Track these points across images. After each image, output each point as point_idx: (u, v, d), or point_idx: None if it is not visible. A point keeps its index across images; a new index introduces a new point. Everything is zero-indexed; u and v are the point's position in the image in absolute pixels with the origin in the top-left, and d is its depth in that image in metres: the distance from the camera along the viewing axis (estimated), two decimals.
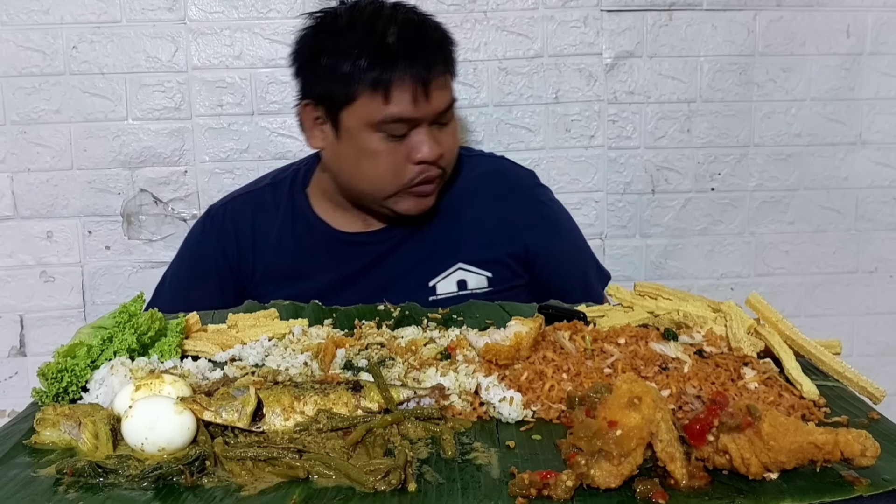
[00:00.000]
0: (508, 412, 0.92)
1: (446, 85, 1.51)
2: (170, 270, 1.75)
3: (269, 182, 1.73)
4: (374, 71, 1.44)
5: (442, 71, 1.49)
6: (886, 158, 2.20)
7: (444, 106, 1.50)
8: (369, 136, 1.48)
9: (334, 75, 1.47)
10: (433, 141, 1.49)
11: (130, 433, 0.83)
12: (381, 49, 1.45)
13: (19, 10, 1.98)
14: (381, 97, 1.44)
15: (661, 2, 2.08)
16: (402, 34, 1.47)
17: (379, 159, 1.49)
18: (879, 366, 2.25)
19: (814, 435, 0.76)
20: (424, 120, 1.48)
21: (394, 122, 1.46)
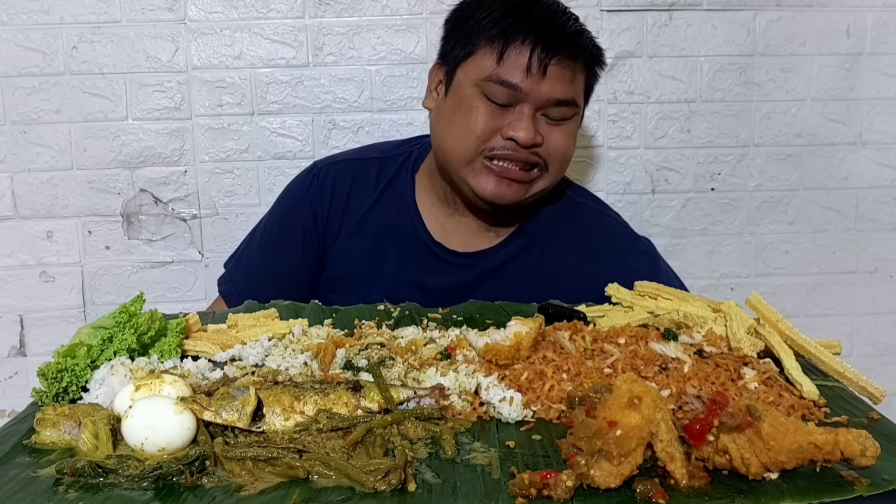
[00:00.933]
0: (508, 412, 0.92)
1: (570, 79, 1.44)
2: (263, 221, 1.72)
3: (378, 156, 1.68)
4: (500, 25, 1.41)
5: (570, 59, 1.42)
6: (886, 158, 2.20)
7: (559, 95, 1.43)
8: (474, 93, 1.44)
9: (466, 26, 1.46)
10: (533, 126, 1.42)
11: (130, 433, 0.83)
12: (519, 8, 1.42)
13: (19, 10, 1.98)
14: (496, 54, 1.41)
15: (661, 2, 2.08)
16: (546, 11, 1.44)
17: (472, 115, 1.44)
18: (879, 366, 2.25)
19: (814, 435, 0.76)
20: (532, 100, 1.42)
21: (499, 83, 1.41)
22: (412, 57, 2.06)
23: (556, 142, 1.46)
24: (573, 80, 1.45)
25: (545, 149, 1.45)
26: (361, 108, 2.08)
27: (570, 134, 1.49)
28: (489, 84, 1.42)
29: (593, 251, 1.59)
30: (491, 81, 1.41)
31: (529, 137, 1.41)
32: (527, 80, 1.40)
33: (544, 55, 1.40)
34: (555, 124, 1.46)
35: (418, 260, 1.58)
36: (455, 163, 1.49)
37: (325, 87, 2.07)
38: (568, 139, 1.49)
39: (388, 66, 2.07)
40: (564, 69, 1.42)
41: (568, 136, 1.48)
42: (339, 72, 2.07)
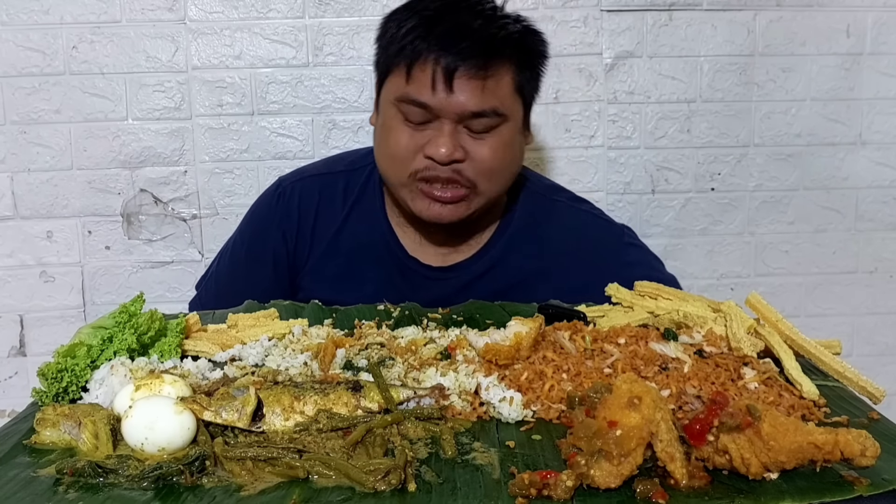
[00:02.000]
0: (508, 412, 0.92)
1: (483, 88, 1.36)
2: (231, 241, 1.67)
3: (345, 168, 1.62)
4: (405, 41, 1.37)
5: (479, 69, 1.35)
6: (886, 158, 2.20)
7: (473, 108, 1.36)
8: (393, 113, 1.41)
9: (381, 44, 1.44)
10: (452, 141, 1.36)
11: (130, 433, 0.83)
12: (422, 23, 1.37)
13: (19, 10, 1.98)
14: (405, 73, 1.37)
15: (661, 2, 2.08)
16: (455, 19, 1.37)
17: (393, 137, 1.40)
18: (879, 366, 2.25)
19: (814, 435, 0.76)
20: (445, 115, 1.36)
21: (410, 103, 1.37)
22: None
23: (480, 155, 1.39)
24: (487, 88, 1.36)
25: (470, 164, 1.39)
26: (361, 108, 2.08)
27: (500, 145, 1.40)
28: (402, 104, 1.38)
29: (580, 253, 1.54)
30: (403, 101, 1.38)
31: (446, 154, 1.36)
32: (434, 96, 1.35)
33: (448, 68, 1.34)
34: (479, 137, 1.39)
35: (395, 278, 1.54)
36: (391, 186, 1.47)
37: (325, 87, 2.07)
38: (493, 153, 1.40)
39: None
40: (474, 80, 1.35)
41: (493, 149, 1.40)
42: (339, 72, 2.07)
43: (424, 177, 1.40)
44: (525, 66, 1.43)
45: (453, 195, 1.40)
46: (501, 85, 1.39)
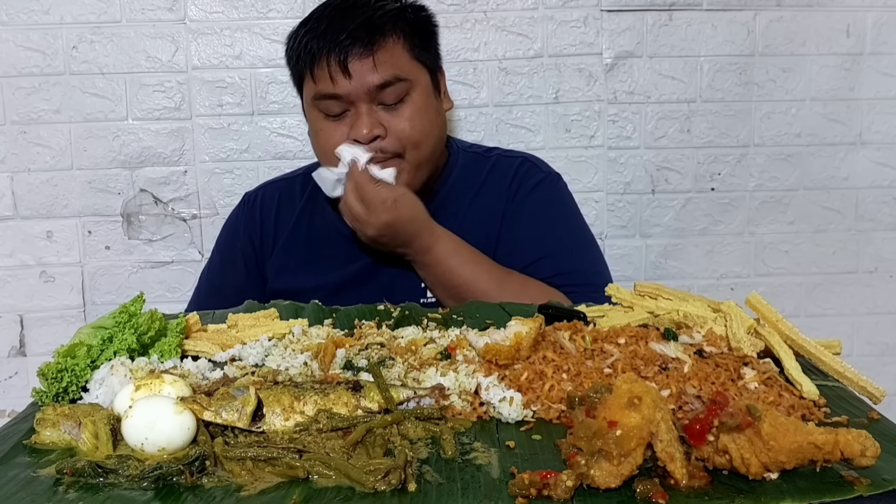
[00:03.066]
0: (508, 412, 0.92)
1: (377, 62, 1.49)
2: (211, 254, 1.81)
3: (303, 172, 1.75)
4: (300, 51, 1.52)
5: (365, 47, 1.48)
6: (886, 158, 2.20)
7: (373, 83, 1.48)
8: (314, 114, 1.55)
9: (288, 62, 1.59)
10: (369, 120, 1.49)
11: (130, 433, 0.83)
12: (311, 29, 1.52)
13: (19, 10, 1.98)
14: (310, 76, 1.52)
15: (661, 2, 2.08)
16: (332, 13, 1.51)
17: (320, 135, 1.54)
18: (879, 366, 2.25)
19: (814, 435, 0.76)
20: (357, 98, 1.49)
21: (323, 98, 1.51)
22: None
23: (398, 126, 1.51)
24: (380, 60, 1.48)
25: (390, 137, 1.51)
26: None
27: (414, 112, 1.52)
28: (319, 102, 1.52)
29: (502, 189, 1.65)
30: (317, 99, 1.52)
31: (367, 132, 1.48)
32: (338, 85, 1.48)
33: (340, 58, 1.47)
34: (394, 109, 1.51)
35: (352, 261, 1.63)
36: None
37: None
38: (411, 120, 1.52)
39: None
40: (365, 58, 1.48)
41: (411, 117, 1.52)
42: None
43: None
44: (414, 34, 1.55)
45: (396, 167, 1.50)
46: (395, 55, 1.51)
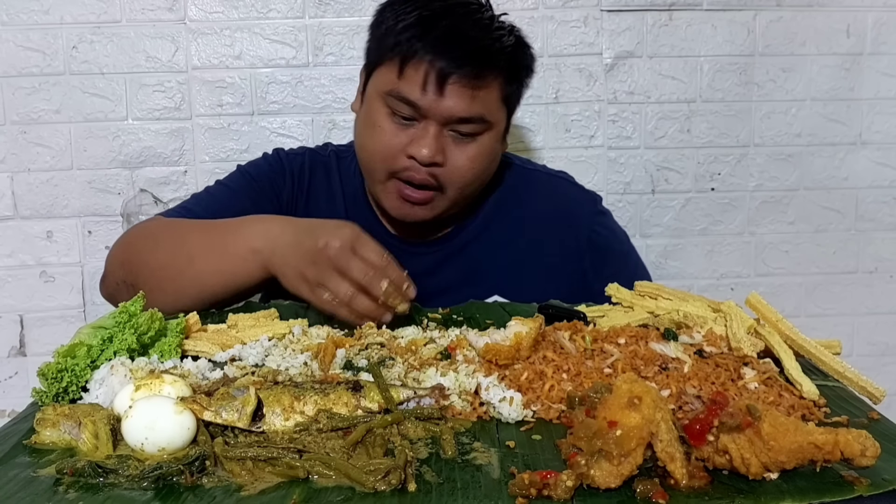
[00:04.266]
0: (508, 412, 0.92)
1: (473, 96, 1.38)
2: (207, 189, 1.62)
3: (335, 150, 1.65)
4: (402, 37, 1.37)
5: (472, 77, 1.36)
6: (886, 158, 2.20)
7: (461, 113, 1.37)
8: (378, 105, 1.42)
9: (377, 32, 1.44)
10: (436, 144, 1.38)
11: (130, 433, 0.83)
12: (422, 21, 1.37)
13: (19, 10, 1.98)
14: (397, 68, 1.38)
15: (661, 2, 2.08)
16: (454, 23, 1.37)
17: (377, 133, 1.41)
18: (879, 366, 2.25)
19: (814, 435, 0.76)
20: (433, 116, 1.38)
21: (398, 99, 1.38)
22: None
23: (457, 162, 1.41)
24: (477, 96, 1.38)
25: (445, 169, 1.41)
26: None
27: (478, 154, 1.43)
28: (391, 98, 1.39)
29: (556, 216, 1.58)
30: (392, 96, 1.39)
31: (430, 155, 1.37)
32: (424, 97, 1.36)
33: (442, 73, 1.35)
34: (461, 142, 1.41)
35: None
36: (369, 180, 1.49)
37: (325, 87, 2.07)
38: (472, 161, 1.42)
39: None
40: (465, 87, 1.36)
41: (472, 158, 1.42)
42: (339, 72, 2.07)
43: (402, 177, 1.42)
44: (513, 79, 1.45)
45: (423, 197, 1.43)
46: (490, 94, 1.41)
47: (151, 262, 1.35)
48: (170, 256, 1.33)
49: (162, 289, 1.30)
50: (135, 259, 1.38)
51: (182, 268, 1.31)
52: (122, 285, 1.37)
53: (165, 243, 1.37)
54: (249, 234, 1.28)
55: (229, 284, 1.30)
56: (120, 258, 1.41)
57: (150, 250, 1.37)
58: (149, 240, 1.40)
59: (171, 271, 1.32)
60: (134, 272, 1.36)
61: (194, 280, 1.31)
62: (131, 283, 1.34)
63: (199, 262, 1.30)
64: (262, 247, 1.25)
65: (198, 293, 1.31)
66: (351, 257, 1.17)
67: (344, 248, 1.17)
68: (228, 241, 1.30)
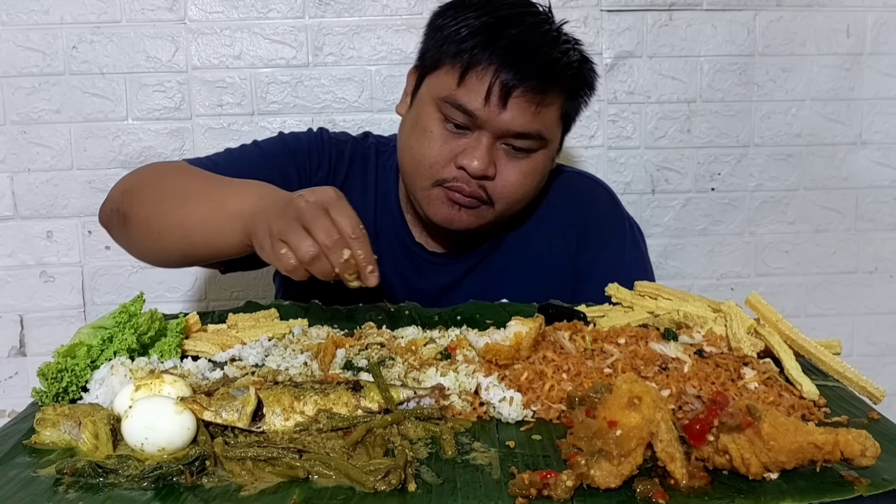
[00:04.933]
0: (508, 412, 0.92)
1: (535, 111, 1.32)
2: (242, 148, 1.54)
3: (375, 142, 1.57)
4: (466, 44, 1.31)
5: (537, 92, 1.31)
6: (886, 158, 2.20)
7: (520, 128, 1.32)
8: (431, 110, 1.36)
9: (437, 36, 1.37)
10: (487, 156, 1.32)
11: (130, 433, 0.83)
12: (489, 29, 1.31)
13: (19, 10, 1.98)
14: (458, 75, 1.32)
15: (661, 2, 2.08)
16: (521, 33, 1.32)
17: (426, 139, 1.35)
18: (879, 366, 2.25)
19: (814, 435, 0.76)
20: (490, 129, 1.32)
21: (455, 107, 1.32)
22: (412, 57, 2.03)
23: (508, 178, 1.36)
24: (540, 112, 1.33)
25: (495, 183, 1.36)
26: (361, 108, 2.08)
27: (531, 171, 1.38)
28: (446, 105, 1.33)
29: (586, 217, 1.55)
30: (448, 103, 1.33)
31: (481, 168, 1.32)
32: (485, 108, 1.30)
33: (507, 85, 1.29)
34: (515, 157, 1.36)
35: (401, 262, 1.51)
36: (410, 185, 1.43)
37: (325, 87, 2.07)
38: (524, 177, 1.38)
39: (388, 66, 2.07)
40: (529, 101, 1.31)
41: (525, 174, 1.37)
42: (339, 72, 2.07)
43: (449, 186, 1.36)
44: (575, 96, 1.41)
45: (470, 202, 1.37)
46: (551, 111, 1.36)
47: (147, 196, 1.30)
48: (167, 195, 1.28)
49: (148, 224, 1.26)
50: (135, 189, 1.34)
51: (172, 208, 1.25)
52: (114, 214, 1.34)
53: (168, 182, 1.32)
54: (244, 194, 1.21)
55: (210, 240, 1.23)
56: (123, 186, 1.37)
57: (151, 184, 1.33)
58: (155, 176, 1.36)
59: (162, 207, 1.27)
60: (129, 201, 1.32)
61: (179, 224, 1.25)
62: (123, 213, 1.31)
63: (189, 208, 1.24)
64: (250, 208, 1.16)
65: (180, 238, 1.25)
66: (320, 215, 1.05)
67: (316, 204, 1.06)
68: (226, 197, 1.22)
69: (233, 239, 1.18)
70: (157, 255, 1.30)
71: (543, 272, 1.52)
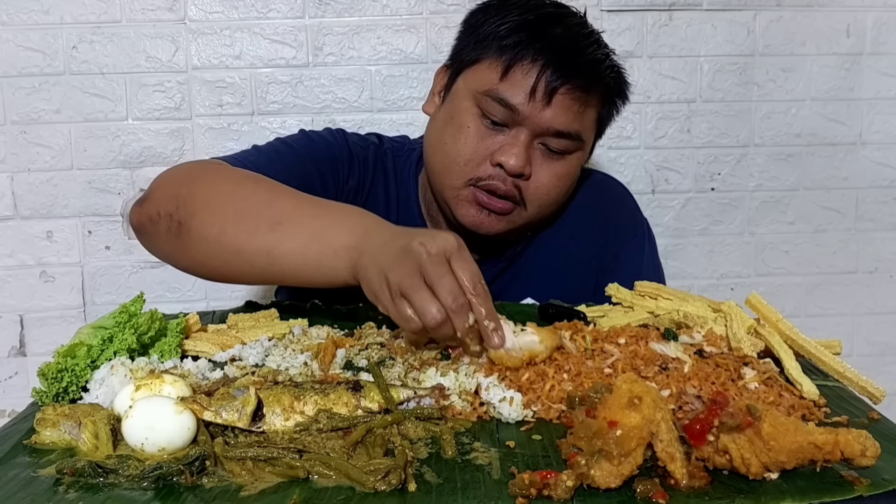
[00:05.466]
0: (508, 412, 0.92)
1: (579, 111, 1.31)
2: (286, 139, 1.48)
3: (391, 147, 1.52)
4: (512, 37, 1.29)
5: (581, 90, 1.29)
6: (886, 158, 2.21)
7: (561, 127, 1.30)
8: (468, 105, 1.32)
9: (478, 31, 1.34)
10: (525, 154, 1.29)
11: (130, 433, 0.83)
12: (533, 25, 1.29)
13: (19, 10, 1.98)
14: (502, 68, 1.29)
15: (661, 2, 2.08)
16: (566, 32, 1.30)
17: (461, 135, 1.32)
18: (879, 366, 2.25)
19: (814, 435, 0.76)
20: (530, 126, 1.29)
21: (496, 101, 1.29)
22: (412, 57, 2.06)
23: (543, 179, 1.33)
24: (582, 112, 1.31)
25: (529, 183, 1.33)
26: (361, 108, 2.08)
27: (565, 173, 1.36)
28: (487, 99, 1.30)
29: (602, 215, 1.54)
30: (489, 97, 1.30)
31: (518, 165, 1.29)
32: (528, 104, 1.28)
33: (553, 80, 1.27)
34: (550, 158, 1.33)
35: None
36: (439, 184, 1.39)
37: (325, 87, 2.07)
38: (558, 179, 1.35)
39: (388, 66, 2.07)
40: (573, 100, 1.29)
41: (559, 176, 1.35)
42: (339, 72, 2.07)
43: (482, 185, 1.33)
44: (610, 102, 1.39)
45: (503, 207, 1.34)
46: (590, 112, 1.34)
47: (218, 208, 1.14)
48: (248, 213, 1.12)
49: (220, 242, 1.11)
50: (198, 197, 1.16)
51: (259, 231, 1.10)
52: (163, 219, 1.17)
53: (245, 195, 1.16)
54: (349, 226, 1.08)
55: (302, 273, 1.10)
56: (174, 189, 1.19)
57: (221, 195, 1.16)
58: (226, 184, 1.19)
59: (241, 227, 1.11)
60: (189, 210, 1.14)
61: (267, 251, 1.10)
62: (180, 221, 1.15)
63: (281, 233, 1.09)
64: (357, 244, 1.04)
65: (264, 265, 1.11)
66: (445, 273, 0.95)
67: (438, 256, 0.96)
68: (327, 227, 1.09)
69: (333, 275, 1.07)
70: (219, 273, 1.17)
71: (569, 271, 1.51)
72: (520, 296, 1.36)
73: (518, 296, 1.37)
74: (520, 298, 1.33)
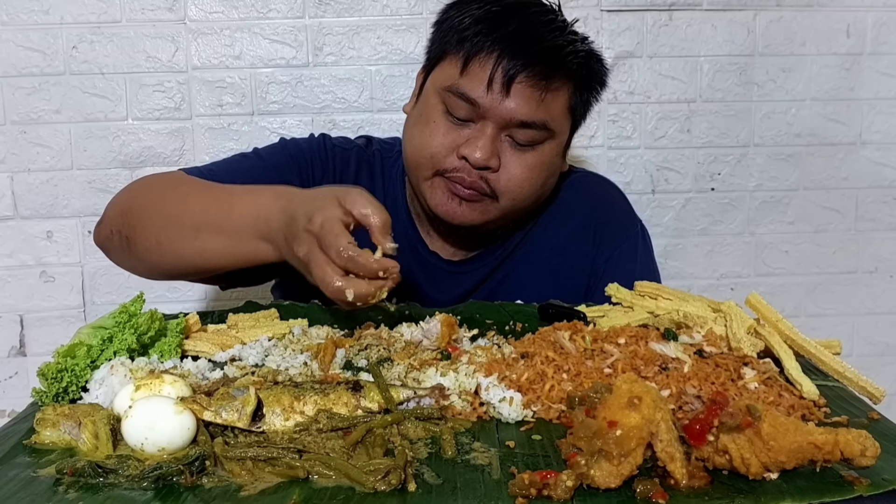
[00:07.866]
0: (508, 412, 0.92)
1: (540, 99, 1.30)
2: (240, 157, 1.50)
3: (379, 149, 1.54)
4: (469, 32, 1.30)
5: (541, 77, 1.29)
6: (886, 158, 2.21)
7: (524, 117, 1.30)
8: (435, 101, 1.34)
9: (441, 29, 1.37)
10: (491, 147, 1.30)
11: (130, 433, 0.83)
12: (492, 18, 1.30)
13: (19, 10, 1.98)
14: (460, 64, 1.30)
15: (661, 2, 2.08)
16: (525, 21, 1.30)
17: (428, 129, 1.33)
18: (879, 366, 2.25)
19: (814, 435, 0.76)
20: (493, 118, 1.30)
21: (458, 96, 1.30)
22: (412, 57, 2.06)
23: (514, 171, 1.33)
24: (544, 100, 1.30)
25: (499, 176, 1.33)
26: (361, 108, 2.08)
27: (537, 164, 1.35)
28: (450, 95, 1.31)
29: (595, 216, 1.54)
30: (451, 92, 1.31)
31: (483, 158, 1.29)
32: (487, 96, 1.28)
33: (510, 69, 1.27)
34: (520, 149, 1.33)
35: (416, 272, 1.48)
36: (414, 178, 1.41)
37: (325, 87, 2.07)
38: (530, 170, 1.34)
39: (388, 66, 2.07)
40: (533, 87, 1.29)
41: (531, 167, 1.34)
42: (339, 72, 2.07)
43: (450, 176, 1.34)
44: (583, 88, 1.38)
45: (471, 195, 1.34)
46: (557, 100, 1.33)
47: (151, 219, 1.24)
48: (173, 219, 1.22)
49: (159, 250, 1.22)
50: (136, 211, 1.27)
51: (186, 237, 1.20)
52: (114, 236, 1.29)
53: (169, 202, 1.25)
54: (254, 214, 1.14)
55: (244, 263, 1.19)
56: (120, 206, 1.31)
57: (152, 206, 1.26)
58: (155, 194, 1.29)
59: (170, 234, 1.21)
60: (130, 225, 1.26)
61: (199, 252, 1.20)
62: (126, 237, 1.26)
63: (204, 238, 1.18)
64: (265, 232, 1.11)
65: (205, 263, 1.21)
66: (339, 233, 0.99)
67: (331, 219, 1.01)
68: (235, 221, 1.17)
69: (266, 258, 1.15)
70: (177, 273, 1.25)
71: (559, 274, 1.51)
72: (511, 297, 1.36)
73: (509, 297, 1.37)
74: (511, 299, 1.34)
